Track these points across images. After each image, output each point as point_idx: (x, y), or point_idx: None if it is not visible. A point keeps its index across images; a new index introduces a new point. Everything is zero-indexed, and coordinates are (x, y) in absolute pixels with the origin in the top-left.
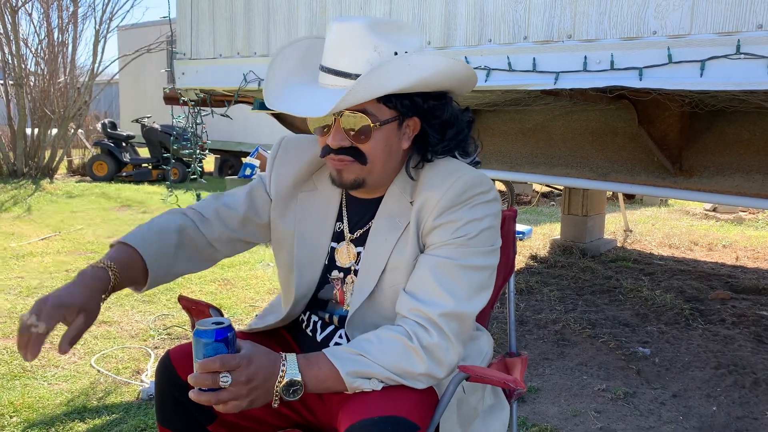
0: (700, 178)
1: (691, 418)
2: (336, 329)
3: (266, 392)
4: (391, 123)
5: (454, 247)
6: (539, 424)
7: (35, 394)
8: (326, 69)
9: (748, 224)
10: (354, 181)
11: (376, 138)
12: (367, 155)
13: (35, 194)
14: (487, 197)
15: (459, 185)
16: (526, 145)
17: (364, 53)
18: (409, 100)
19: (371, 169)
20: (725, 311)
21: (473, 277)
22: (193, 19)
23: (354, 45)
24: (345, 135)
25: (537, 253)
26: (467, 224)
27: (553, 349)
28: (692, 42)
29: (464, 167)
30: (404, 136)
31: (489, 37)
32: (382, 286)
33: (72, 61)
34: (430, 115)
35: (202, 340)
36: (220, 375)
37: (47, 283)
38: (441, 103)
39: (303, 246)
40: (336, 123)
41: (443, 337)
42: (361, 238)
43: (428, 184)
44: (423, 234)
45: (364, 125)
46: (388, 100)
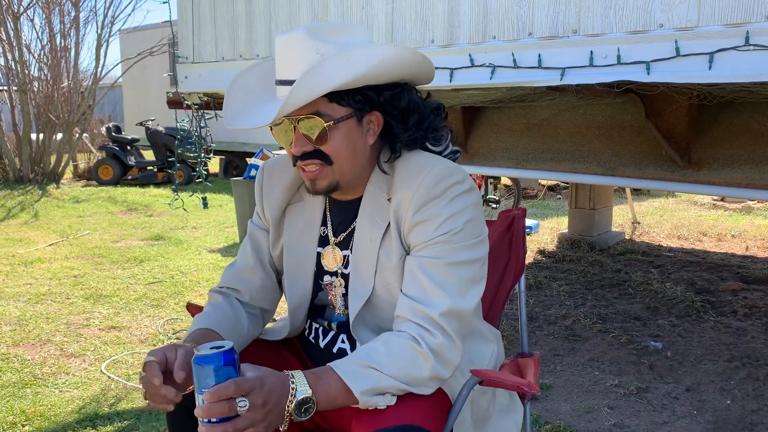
0: (709, 170)
1: (706, 412)
2: (337, 334)
3: (279, 414)
4: (347, 120)
5: (439, 245)
6: (552, 421)
7: (47, 402)
8: (278, 81)
9: (757, 213)
10: (328, 186)
11: (336, 137)
12: (331, 155)
13: (42, 200)
14: (462, 188)
15: (430, 179)
16: (532, 140)
17: (306, 58)
18: (361, 94)
19: (340, 169)
20: (737, 303)
21: (464, 272)
22: (194, 23)
23: (296, 53)
24: (305, 140)
25: (545, 248)
26: (448, 220)
27: (564, 345)
28: (700, 34)
29: (434, 159)
30: (368, 132)
31: (493, 34)
32: (376, 286)
33: (75, 65)
34: (389, 106)
35: (209, 367)
36: (237, 400)
37: (56, 289)
38: (396, 92)
39: (291, 255)
40: (296, 131)
41: (446, 336)
42: (346, 241)
43: (402, 180)
44: (404, 233)
45: (319, 127)
46: (339, 98)
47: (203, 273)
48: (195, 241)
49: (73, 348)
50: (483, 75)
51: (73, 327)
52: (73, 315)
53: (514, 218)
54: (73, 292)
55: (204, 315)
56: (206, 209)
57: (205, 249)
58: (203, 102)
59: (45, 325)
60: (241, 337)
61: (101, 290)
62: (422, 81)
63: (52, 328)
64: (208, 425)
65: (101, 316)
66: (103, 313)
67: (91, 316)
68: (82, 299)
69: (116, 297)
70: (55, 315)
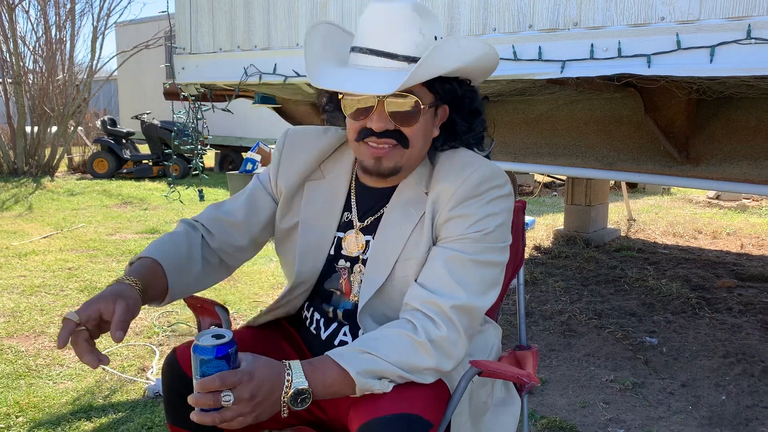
0: (707, 165)
1: (701, 407)
2: (340, 326)
3: (272, 404)
4: (432, 108)
5: (469, 241)
6: (548, 416)
7: (41, 394)
8: (368, 50)
9: (752, 211)
10: (392, 168)
11: (420, 122)
12: (410, 139)
13: (36, 192)
14: (502, 191)
15: (475, 177)
16: (530, 135)
17: (411, 35)
18: (450, 84)
19: (410, 154)
20: (732, 299)
21: (486, 272)
22: (192, 13)
23: (400, 26)
24: (389, 118)
25: (541, 244)
26: (483, 219)
27: (560, 341)
28: (702, 28)
29: (480, 159)
30: (436, 123)
31: (493, 26)
32: (393, 276)
33: (70, 58)
34: (462, 102)
35: (200, 357)
36: (221, 394)
37: (50, 282)
38: (472, 90)
39: (307, 234)
40: (380, 105)
41: (453, 329)
42: (371, 227)
43: (444, 174)
44: (437, 225)
45: (414, 107)
46: (431, 85)
47: None
48: None
49: None
50: None
51: None
52: (68, 307)
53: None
54: (68, 285)
55: (158, 243)
56: (203, 202)
57: None
58: (200, 93)
59: (39, 317)
60: (185, 280)
61: (96, 283)
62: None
63: (47, 320)
64: (199, 414)
65: None
66: None
67: None
68: (76, 291)
69: None
70: (50, 307)
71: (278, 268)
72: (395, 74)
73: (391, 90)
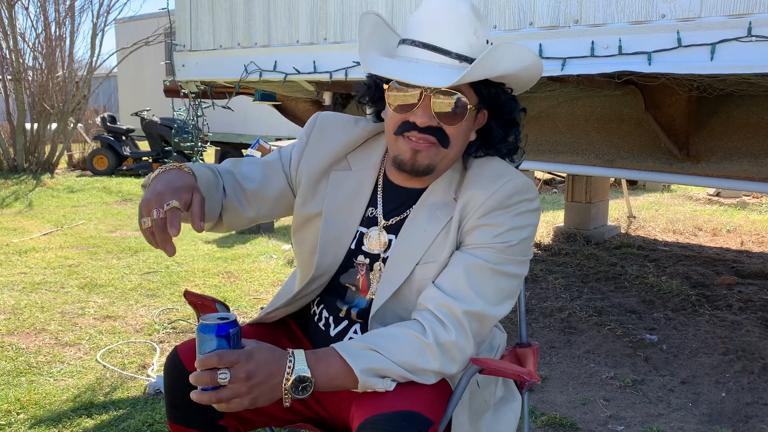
0: (707, 163)
1: (701, 404)
2: (350, 324)
3: (271, 390)
4: (476, 110)
5: (493, 251)
6: (548, 413)
7: (41, 391)
8: (422, 44)
9: (752, 208)
10: (428, 165)
11: (464, 122)
12: (451, 138)
13: (36, 189)
14: (531, 206)
15: (508, 188)
16: (530, 132)
17: (465, 35)
18: (495, 89)
19: (448, 154)
20: (732, 297)
21: (504, 283)
22: (192, 10)
23: (457, 25)
24: (433, 114)
25: (541, 241)
26: (510, 231)
27: (560, 338)
28: (702, 25)
29: (513, 170)
30: (475, 127)
31: (494, 24)
32: (412, 278)
33: (70, 55)
34: (501, 110)
35: (203, 335)
36: (218, 372)
37: (50, 279)
38: (514, 100)
39: (330, 226)
40: (425, 101)
41: (462, 334)
42: (395, 226)
43: (476, 182)
44: (463, 231)
45: (461, 106)
46: (477, 87)
47: (198, 263)
48: (190, 231)
49: (68, 337)
50: None
51: (68, 316)
52: (68, 304)
53: None
54: (68, 282)
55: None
56: None
57: (200, 240)
58: (200, 91)
59: (40, 314)
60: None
61: (96, 280)
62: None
63: (47, 317)
64: (198, 392)
65: (96, 306)
66: (98, 303)
67: (86, 305)
68: (76, 288)
69: (111, 286)
70: (50, 304)
71: (278, 265)
72: (449, 70)
73: (448, 83)
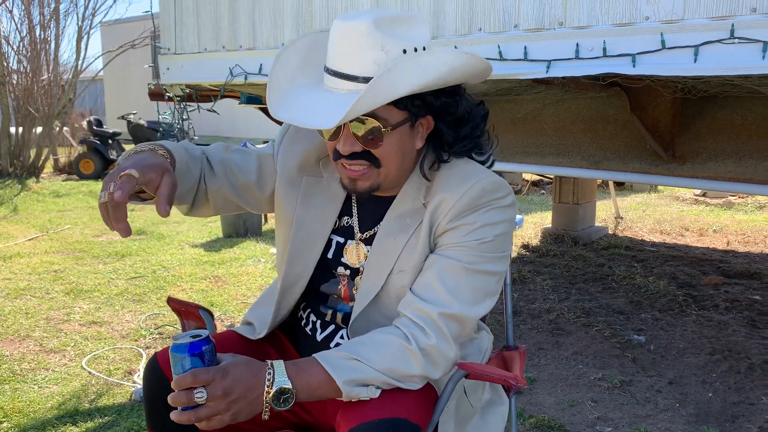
0: (693, 164)
1: (688, 405)
2: (337, 329)
3: (250, 403)
4: (403, 125)
5: (465, 249)
6: (536, 415)
7: (26, 398)
8: (332, 72)
9: (738, 208)
10: (369, 187)
11: (389, 141)
12: (381, 159)
13: (21, 194)
14: (503, 202)
15: (476, 190)
16: (516, 134)
17: (370, 54)
18: (420, 99)
19: (386, 172)
20: (718, 296)
21: (480, 281)
22: (176, 13)
23: (359, 45)
24: (355, 140)
25: (529, 243)
26: (482, 228)
27: (548, 339)
28: (686, 27)
29: (482, 171)
30: (417, 135)
31: (479, 26)
32: (388, 287)
33: (55, 58)
34: (444, 112)
35: (176, 356)
36: (194, 391)
37: (35, 285)
38: (454, 99)
39: (299, 233)
40: (345, 129)
41: (441, 337)
42: (371, 238)
43: (444, 185)
44: (435, 235)
45: (375, 131)
46: (398, 102)
47: (185, 268)
48: (177, 236)
49: (53, 343)
50: None
51: (53, 322)
52: (53, 310)
53: None
54: (53, 287)
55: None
56: None
57: (187, 244)
58: (185, 94)
59: (24, 321)
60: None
61: (82, 285)
62: (475, 83)
63: (32, 324)
64: (177, 413)
65: (82, 311)
66: (84, 308)
67: (72, 311)
68: (62, 294)
69: (97, 292)
70: (35, 310)
71: (266, 269)
72: (353, 97)
73: (332, 124)
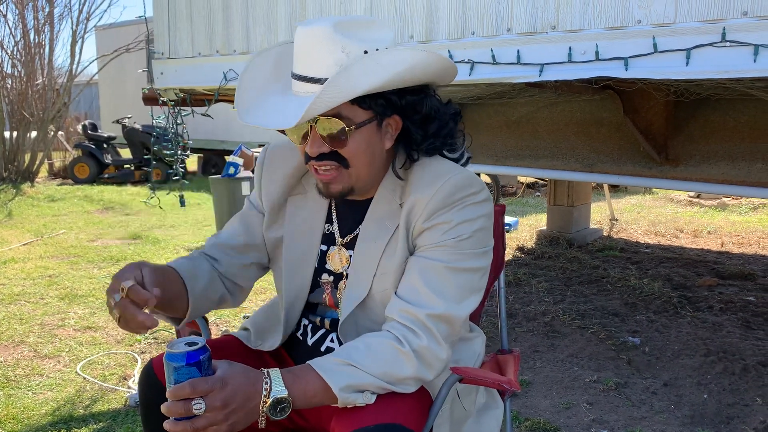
0: (686, 166)
1: (683, 406)
2: (327, 332)
3: (248, 413)
4: (368, 125)
5: (444, 248)
6: (532, 417)
7: (20, 404)
8: (296, 76)
9: (732, 210)
10: (342, 190)
11: (355, 141)
12: (349, 159)
13: (16, 199)
14: (477, 198)
15: (448, 187)
16: (511, 137)
17: (332, 56)
18: (384, 98)
19: (356, 173)
20: (713, 298)
21: (464, 279)
22: (170, 18)
23: (320, 48)
24: (322, 141)
25: (524, 245)
26: (458, 225)
27: (544, 341)
28: (677, 30)
29: (454, 168)
30: (386, 135)
31: (472, 30)
32: (373, 290)
33: (49, 62)
34: (410, 110)
35: (171, 364)
36: (192, 402)
37: (29, 290)
38: (419, 97)
39: (292, 249)
40: (312, 130)
41: (432, 339)
42: (353, 242)
43: (417, 185)
44: (413, 236)
45: (339, 130)
46: (361, 101)
47: None
48: (173, 240)
49: (48, 349)
50: (462, 71)
51: (48, 328)
52: (48, 315)
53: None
54: (48, 293)
55: (180, 262)
56: (183, 208)
57: (182, 248)
58: (179, 98)
59: (18, 326)
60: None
61: (77, 290)
62: (443, 84)
63: (26, 329)
64: (172, 423)
65: (77, 317)
66: (79, 314)
67: (66, 316)
68: (57, 299)
69: (92, 297)
70: (29, 316)
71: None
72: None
73: (292, 123)
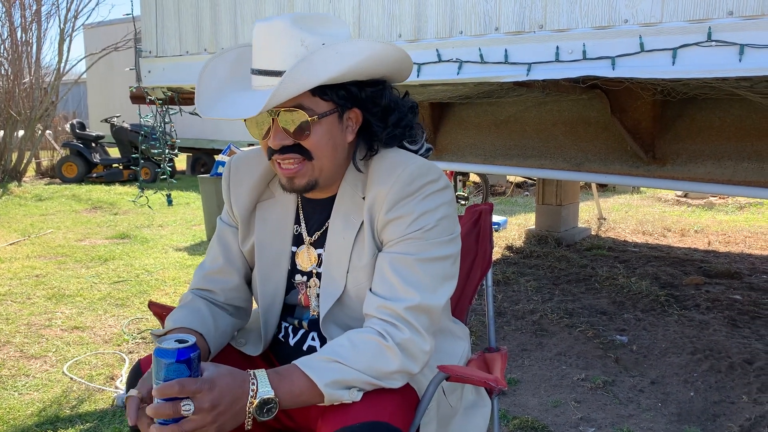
0: (673, 166)
1: (670, 404)
2: (307, 332)
3: (235, 415)
4: (330, 115)
5: (411, 241)
6: (520, 416)
7: (5, 405)
8: (256, 71)
9: (719, 209)
10: (306, 184)
11: (318, 132)
12: (312, 151)
13: (3, 198)
14: (437, 186)
15: (405, 176)
16: (499, 137)
17: (291, 49)
18: (345, 90)
19: (320, 165)
20: (699, 296)
21: (435, 268)
22: (158, 16)
23: (280, 42)
24: (285, 134)
25: (512, 244)
26: (421, 217)
27: (532, 340)
28: (663, 30)
29: (410, 157)
30: (347, 129)
31: (460, 29)
32: (348, 286)
33: (37, 60)
34: (370, 103)
35: (162, 361)
36: (181, 402)
37: (16, 290)
38: (378, 89)
39: (264, 254)
40: (274, 123)
41: (414, 331)
42: (320, 240)
43: (376, 177)
44: (377, 230)
45: (303, 120)
46: (323, 93)
47: (169, 272)
48: (161, 239)
49: (34, 349)
50: (450, 70)
51: (34, 328)
52: (35, 315)
53: (480, 213)
54: (35, 292)
55: (178, 315)
56: (171, 207)
57: (171, 247)
58: (167, 97)
59: (4, 326)
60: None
61: (64, 290)
62: (400, 79)
63: (12, 329)
64: (158, 427)
65: (64, 317)
66: (66, 314)
67: (54, 316)
68: (44, 299)
69: (80, 297)
70: (16, 316)
71: None
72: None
73: (254, 112)
